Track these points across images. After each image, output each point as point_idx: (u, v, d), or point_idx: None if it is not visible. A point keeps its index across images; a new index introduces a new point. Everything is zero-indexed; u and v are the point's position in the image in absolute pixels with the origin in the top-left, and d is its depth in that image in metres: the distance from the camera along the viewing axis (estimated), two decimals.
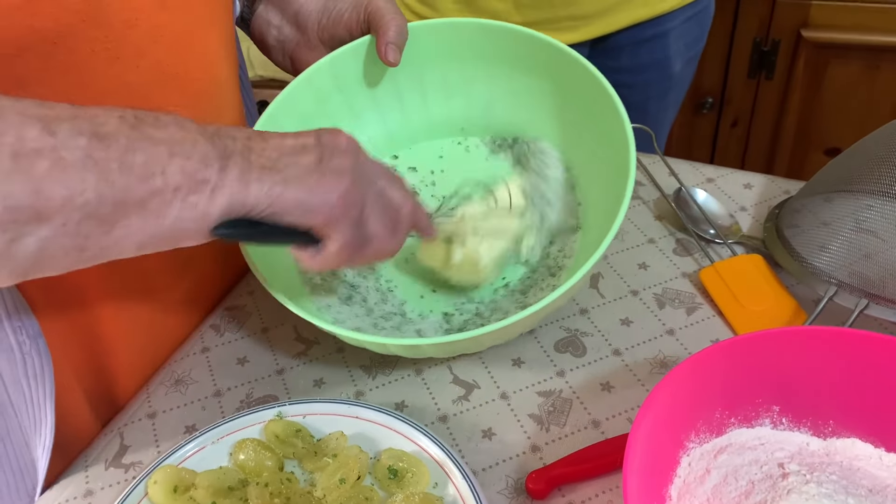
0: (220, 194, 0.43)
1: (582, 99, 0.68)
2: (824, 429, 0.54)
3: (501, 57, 0.72)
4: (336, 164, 0.48)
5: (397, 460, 0.55)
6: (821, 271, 0.64)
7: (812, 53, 1.46)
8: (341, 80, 0.72)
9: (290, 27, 0.73)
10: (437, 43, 0.72)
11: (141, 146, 0.40)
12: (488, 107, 0.75)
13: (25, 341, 0.55)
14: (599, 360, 0.64)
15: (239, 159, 0.44)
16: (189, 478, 0.56)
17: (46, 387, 0.57)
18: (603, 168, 0.66)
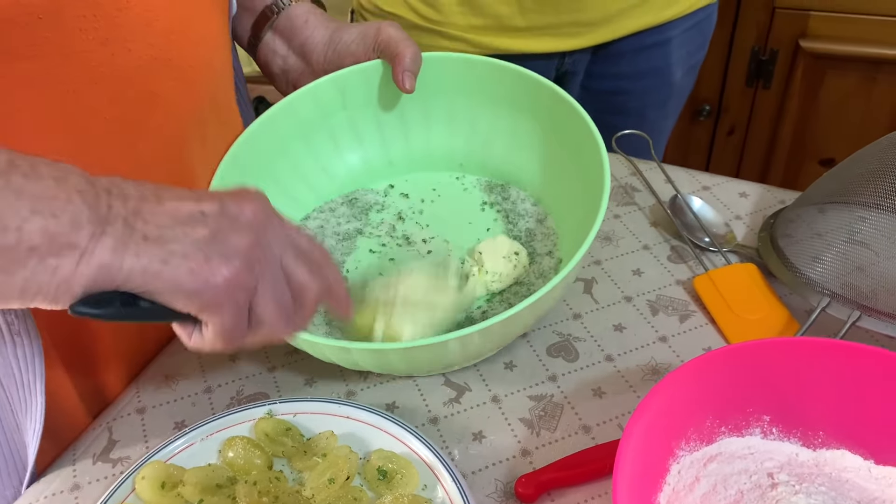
0: (87, 262, 0.39)
1: (567, 137, 0.68)
2: (814, 440, 0.54)
3: (506, 97, 0.72)
4: (230, 243, 0.43)
5: (387, 461, 0.55)
6: (814, 282, 0.65)
7: (810, 64, 1.46)
8: (348, 98, 0.73)
9: (295, 57, 0.74)
10: (447, 76, 0.72)
11: (1, 196, 0.37)
12: (487, 144, 0.75)
13: (14, 321, 0.53)
14: (592, 366, 0.64)
15: (120, 226, 0.40)
16: (177, 474, 0.55)
17: (37, 368, 0.55)
18: (579, 193, 0.67)
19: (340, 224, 0.74)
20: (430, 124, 0.76)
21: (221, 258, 0.42)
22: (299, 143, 0.73)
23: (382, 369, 0.62)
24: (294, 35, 0.73)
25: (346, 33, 0.72)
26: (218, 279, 0.42)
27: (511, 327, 0.57)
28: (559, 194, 0.71)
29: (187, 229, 0.42)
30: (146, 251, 0.40)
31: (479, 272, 0.66)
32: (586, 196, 0.64)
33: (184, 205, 0.43)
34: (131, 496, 0.55)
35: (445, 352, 0.55)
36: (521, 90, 0.71)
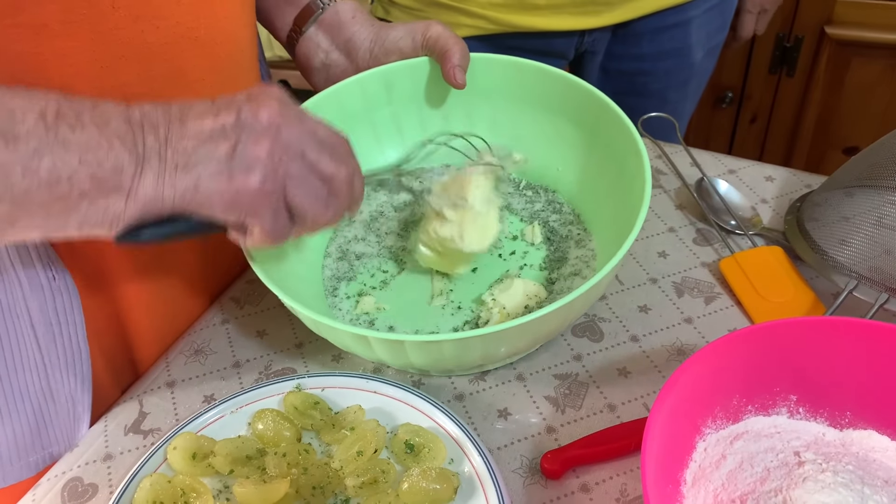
0: (133, 199, 0.43)
1: (611, 148, 0.67)
2: (841, 420, 0.54)
3: (552, 102, 0.71)
4: (250, 153, 0.46)
5: (414, 435, 0.55)
6: (841, 265, 0.64)
7: (835, 51, 1.45)
8: (394, 93, 0.73)
9: (338, 53, 0.74)
10: (494, 77, 0.72)
11: (50, 150, 0.40)
12: (528, 149, 0.74)
13: (54, 277, 0.56)
14: (617, 346, 0.65)
15: (156, 161, 0.44)
16: (208, 445, 0.56)
17: (77, 321, 0.58)
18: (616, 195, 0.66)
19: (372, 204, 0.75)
20: (472, 125, 0.75)
21: (244, 171, 0.46)
22: None
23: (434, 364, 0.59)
24: (340, 30, 0.73)
25: (393, 30, 0.72)
26: (244, 193, 0.46)
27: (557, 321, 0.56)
28: (596, 202, 0.70)
29: (210, 148, 0.45)
30: (180, 180, 0.44)
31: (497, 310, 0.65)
32: (623, 206, 0.62)
33: (204, 122, 0.46)
34: (163, 466, 0.56)
35: (495, 343, 0.54)
36: (568, 97, 0.70)
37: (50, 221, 0.42)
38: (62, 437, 0.61)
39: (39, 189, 0.40)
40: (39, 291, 0.56)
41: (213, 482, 0.55)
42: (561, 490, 0.55)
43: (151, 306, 0.65)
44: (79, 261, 0.58)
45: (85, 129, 0.42)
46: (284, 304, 0.56)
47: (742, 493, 0.49)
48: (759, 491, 0.49)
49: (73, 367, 0.60)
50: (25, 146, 0.40)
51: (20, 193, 0.40)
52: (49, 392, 0.59)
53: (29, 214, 0.41)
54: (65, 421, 0.61)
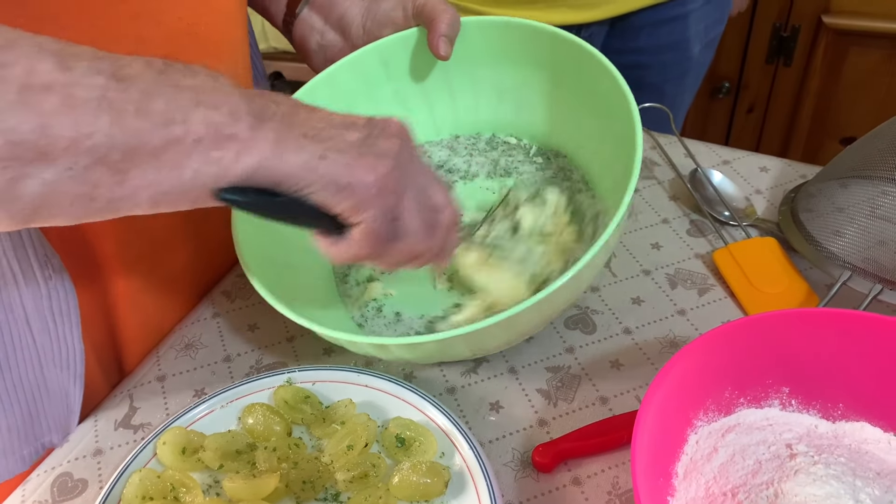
0: (248, 155, 0.40)
1: (603, 107, 0.65)
2: (833, 412, 0.53)
3: (551, 64, 0.69)
4: (382, 145, 0.44)
5: (405, 429, 0.55)
6: (835, 256, 0.64)
7: (832, 40, 1.44)
8: (391, 69, 0.71)
9: (332, 32, 0.72)
10: (491, 42, 0.69)
11: (163, 91, 0.37)
12: (534, 111, 0.72)
13: (51, 275, 0.55)
14: (609, 338, 0.64)
15: (278, 123, 0.41)
16: (198, 440, 0.56)
17: (73, 319, 0.57)
18: (614, 167, 0.64)
19: None
20: (477, 92, 0.73)
21: (374, 156, 0.44)
22: None
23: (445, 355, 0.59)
24: (332, 9, 0.71)
25: (383, 2, 0.70)
26: (371, 176, 0.43)
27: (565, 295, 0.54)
28: (596, 165, 0.69)
29: (341, 132, 0.43)
30: (306, 146, 0.41)
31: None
32: (619, 167, 0.61)
33: (334, 116, 0.45)
34: (152, 461, 0.56)
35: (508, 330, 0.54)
36: (560, 53, 0.67)
37: (162, 175, 0.38)
38: (54, 428, 0.61)
39: (153, 131, 0.37)
40: (36, 289, 0.55)
41: (202, 477, 0.55)
42: (552, 483, 0.55)
43: (139, 302, 0.64)
44: (69, 254, 0.57)
45: (197, 77, 0.39)
46: (269, 301, 0.56)
47: (734, 486, 0.49)
48: (751, 484, 0.48)
49: (67, 362, 0.59)
50: (136, 86, 0.37)
51: (132, 135, 0.36)
52: (44, 385, 0.59)
53: (140, 165, 0.37)
54: (58, 412, 0.60)
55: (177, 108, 0.38)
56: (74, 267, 0.58)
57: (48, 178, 0.35)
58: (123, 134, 0.36)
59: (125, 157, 0.37)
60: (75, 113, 0.35)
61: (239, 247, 0.59)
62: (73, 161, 0.35)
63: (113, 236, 0.59)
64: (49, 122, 0.34)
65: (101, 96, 0.35)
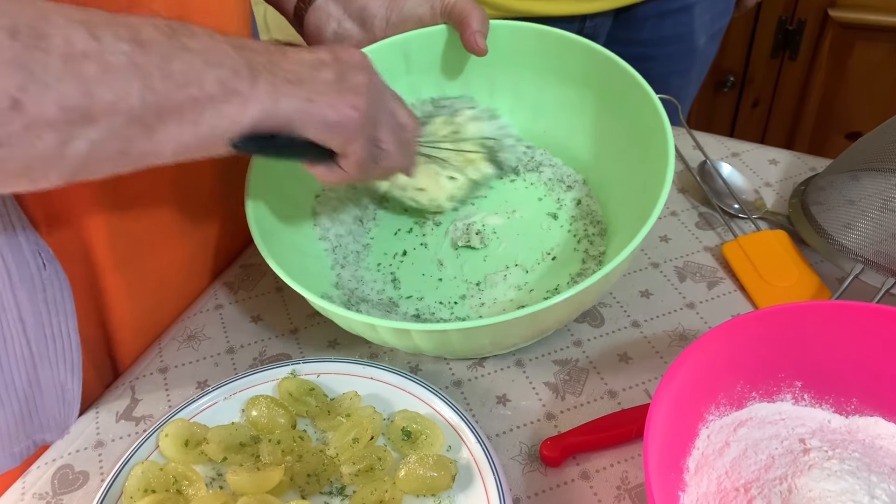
0: (251, 106, 0.44)
1: (634, 121, 0.65)
2: (847, 406, 0.53)
3: (575, 73, 0.69)
4: (354, 80, 0.49)
5: (411, 422, 0.54)
6: (847, 249, 0.63)
7: (838, 34, 1.43)
8: (411, 64, 0.71)
9: (351, 22, 0.72)
10: (515, 46, 0.70)
11: (178, 55, 0.41)
12: (552, 121, 0.72)
13: (45, 266, 0.54)
14: (617, 332, 0.64)
15: (267, 74, 0.45)
16: (201, 432, 0.55)
17: (67, 311, 0.57)
18: (636, 175, 0.64)
19: None
20: (494, 95, 0.73)
21: (352, 93, 0.48)
22: None
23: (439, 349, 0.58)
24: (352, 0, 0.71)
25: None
26: (353, 111, 0.48)
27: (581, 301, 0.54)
28: (613, 178, 0.68)
29: (316, 73, 0.48)
30: (294, 93, 0.46)
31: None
32: (643, 188, 0.61)
33: (304, 55, 0.48)
34: (154, 453, 0.55)
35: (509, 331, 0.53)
36: (592, 67, 0.67)
37: (184, 129, 0.42)
38: (49, 425, 0.60)
39: (176, 92, 0.41)
40: (29, 282, 0.54)
41: (205, 470, 0.54)
42: (561, 478, 0.54)
43: (134, 296, 0.63)
44: (60, 249, 0.56)
45: (200, 38, 0.42)
46: (287, 283, 0.55)
47: (746, 481, 0.48)
48: (764, 479, 0.48)
49: (62, 357, 0.58)
50: (156, 50, 0.40)
51: (160, 96, 0.40)
52: (37, 382, 0.58)
53: (166, 122, 0.41)
54: (52, 408, 0.59)
55: (192, 69, 0.41)
56: (65, 262, 0.57)
57: (92, 138, 0.39)
58: (153, 95, 0.40)
59: (154, 116, 0.40)
60: (112, 78, 0.38)
61: (254, 229, 0.58)
62: (112, 121, 0.39)
63: (105, 230, 0.58)
64: (92, 88, 0.38)
65: (130, 62, 0.39)
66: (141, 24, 0.41)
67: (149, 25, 0.41)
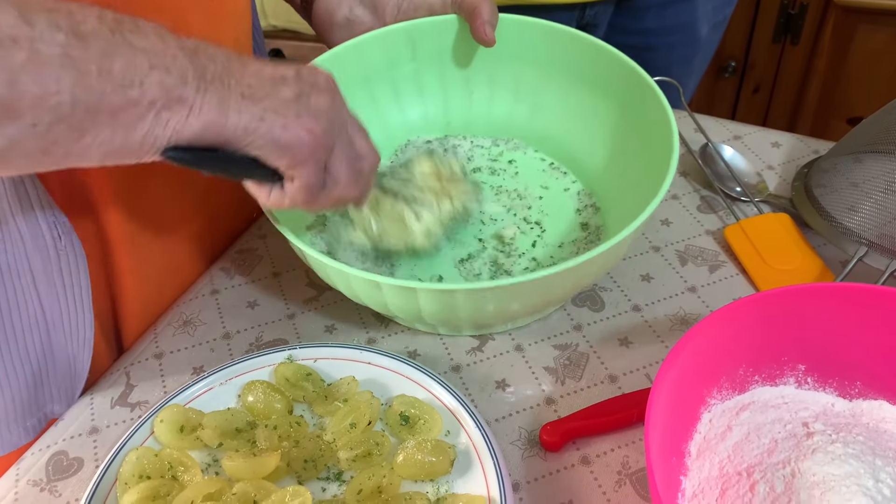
0: (196, 116, 0.41)
1: (639, 121, 0.64)
2: (850, 390, 0.52)
3: (577, 69, 0.69)
4: (315, 102, 0.46)
5: (409, 407, 0.54)
6: (851, 231, 0.62)
7: (840, 18, 1.42)
8: (418, 51, 0.70)
9: (362, 8, 0.71)
10: (519, 41, 0.69)
11: (120, 52, 0.37)
12: (550, 118, 0.72)
13: (60, 237, 0.54)
14: (618, 316, 0.63)
15: (219, 84, 0.42)
16: (196, 418, 0.55)
17: (82, 283, 0.56)
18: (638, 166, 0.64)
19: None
20: (494, 88, 0.73)
21: (309, 116, 0.46)
22: (360, 88, 0.70)
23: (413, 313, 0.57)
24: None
25: None
26: (307, 135, 0.45)
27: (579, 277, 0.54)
28: (614, 177, 0.68)
29: (274, 89, 0.45)
30: (246, 108, 0.43)
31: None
32: (643, 184, 0.60)
33: (265, 69, 0.45)
34: (149, 439, 0.54)
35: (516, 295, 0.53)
36: (599, 66, 0.67)
37: (116, 135, 0.39)
38: (58, 398, 0.59)
39: (114, 92, 0.37)
40: (45, 251, 0.54)
41: (201, 456, 0.54)
42: (561, 462, 0.54)
43: (142, 274, 0.63)
44: (80, 223, 0.56)
45: (147, 37, 0.39)
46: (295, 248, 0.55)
47: (749, 465, 0.47)
48: (767, 463, 0.47)
49: (76, 329, 0.58)
50: (95, 44, 0.37)
51: (96, 96, 0.37)
52: (51, 353, 0.57)
53: (97, 124, 0.38)
54: (63, 379, 0.59)
55: (134, 69, 0.38)
56: (81, 237, 0.56)
57: (11, 134, 0.35)
58: (86, 94, 0.36)
59: (86, 117, 0.37)
60: (41, 70, 0.35)
61: None
62: (37, 118, 0.36)
63: (119, 205, 0.58)
64: (17, 78, 0.34)
65: (65, 54, 0.35)
66: (84, 13, 0.37)
67: (93, 17, 0.37)
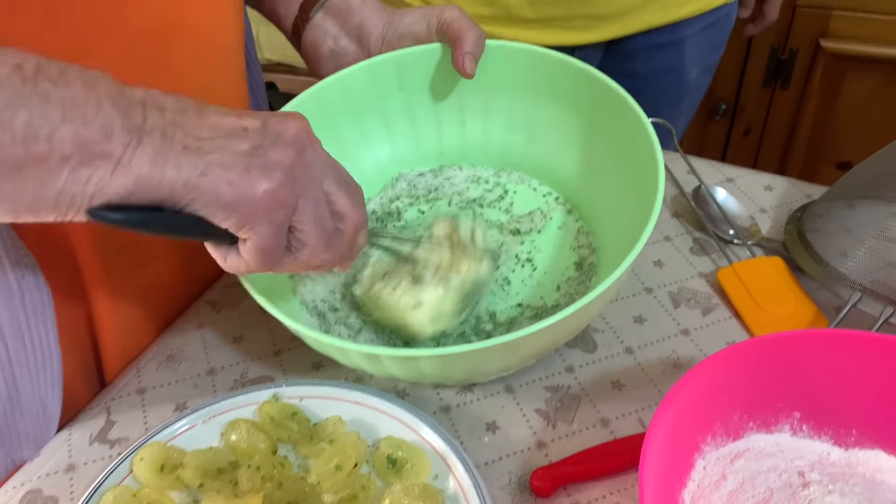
0: (123, 173, 0.38)
1: (626, 148, 0.62)
2: (846, 438, 0.51)
3: (567, 95, 0.67)
4: (272, 157, 0.42)
5: (397, 449, 0.52)
6: (845, 277, 0.62)
7: (830, 64, 1.44)
8: (406, 81, 0.69)
9: (348, 39, 0.71)
10: (510, 68, 0.68)
11: (27, 103, 0.35)
12: (546, 146, 0.71)
13: (24, 275, 0.52)
14: (610, 358, 0.62)
15: (158, 137, 0.39)
16: (177, 457, 0.53)
17: (48, 321, 0.54)
18: (627, 198, 0.62)
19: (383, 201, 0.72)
20: (489, 116, 0.71)
21: (261, 170, 0.41)
22: (348, 122, 0.69)
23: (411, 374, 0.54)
24: (349, 16, 0.69)
25: (406, 15, 0.68)
26: (257, 191, 0.41)
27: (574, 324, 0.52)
28: (604, 202, 0.66)
29: (228, 142, 0.41)
30: (185, 162, 0.39)
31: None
32: (634, 211, 0.58)
33: (225, 119, 0.42)
34: (128, 478, 0.52)
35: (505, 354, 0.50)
36: (588, 92, 0.65)
37: (24, 192, 0.36)
38: (26, 443, 0.57)
39: (13, 146, 0.35)
40: (7, 292, 0.52)
41: (181, 496, 0.52)
42: None
43: (120, 311, 0.61)
44: (47, 260, 0.55)
45: (70, 87, 0.37)
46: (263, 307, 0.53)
47: None
48: None
49: (42, 368, 0.56)
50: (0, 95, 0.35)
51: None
52: (16, 395, 0.55)
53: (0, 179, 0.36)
54: (32, 424, 0.57)
55: (41, 122, 0.35)
56: (53, 271, 0.55)
57: None
58: None
59: None
60: None
61: None
62: None
63: (93, 242, 0.56)
64: None
65: None
66: (3, 60, 0.35)
67: (8, 65, 0.35)
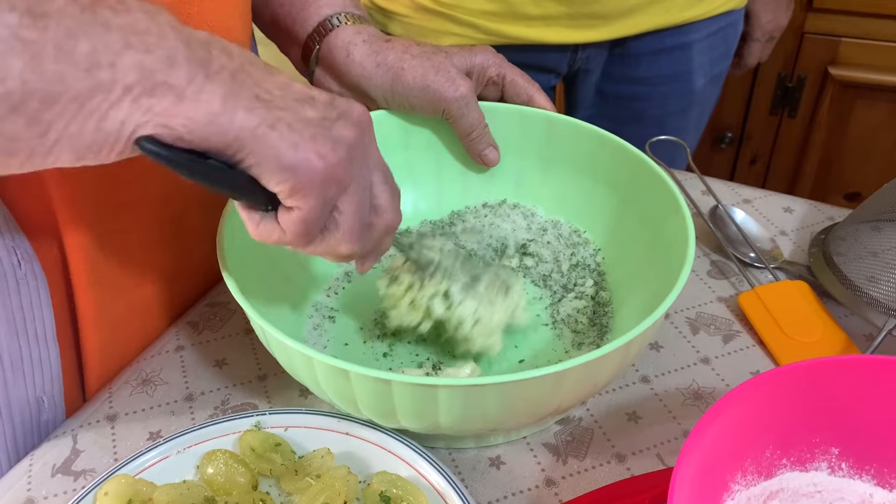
0: (192, 107, 0.35)
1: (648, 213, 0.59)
2: (890, 478, 0.46)
3: (580, 160, 0.64)
4: (338, 131, 0.41)
5: (391, 486, 0.47)
6: (877, 302, 0.58)
7: (838, 92, 1.41)
8: (411, 139, 0.66)
9: (351, 94, 0.66)
10: (518, 131, 0.65)
11: (89, 31, 0.33)
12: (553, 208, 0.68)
13: (20, 264, 0.49)
14: (625, 387, 0.57)
15: (227, 77, 0.36)
16: (147, 491, 0.48)
17: (45, 313, 0.51)
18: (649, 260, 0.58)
19: None
20: (493, 181, 0.68)
21: (328, 141, 0.40)
22: None
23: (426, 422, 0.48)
24: (345, 74, 0.64)
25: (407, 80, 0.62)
26: (320, 161, 0.39)
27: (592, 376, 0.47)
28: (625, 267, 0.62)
29: (297, 105, 0.39)
30: (258, 109, 0.37)
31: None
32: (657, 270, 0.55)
33: (294, 84, 0.40)
34: None
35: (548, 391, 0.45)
36: (602, 155, 0.63)
37: (86, 125, 0.34)
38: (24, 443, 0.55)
39: (76, 75, 0.33)
40: (2, 279, 0.49)
41: None
42: None
43: (103, 323, 0.57)
44: (42, 254, 0.51)
45: (130, 13, 0.34)
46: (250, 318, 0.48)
47: None
48: None
49: (38, 368, 0.53)
50: (57, 25, 0.32)
51: (53, 79, 0.32)
52: (5, 398, 0.52)
53: (61, 113, 0.33)
54: (19, 432, 0.54)
55: (104, 49, 0.33)
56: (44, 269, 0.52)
57: None
58: (40, 80, 0.32)
59: (42, 107, 0.32)
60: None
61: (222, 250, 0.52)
62: None
63: (83, 242, 0.53)
64: None
65: (13, 35, 0.31)
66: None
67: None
